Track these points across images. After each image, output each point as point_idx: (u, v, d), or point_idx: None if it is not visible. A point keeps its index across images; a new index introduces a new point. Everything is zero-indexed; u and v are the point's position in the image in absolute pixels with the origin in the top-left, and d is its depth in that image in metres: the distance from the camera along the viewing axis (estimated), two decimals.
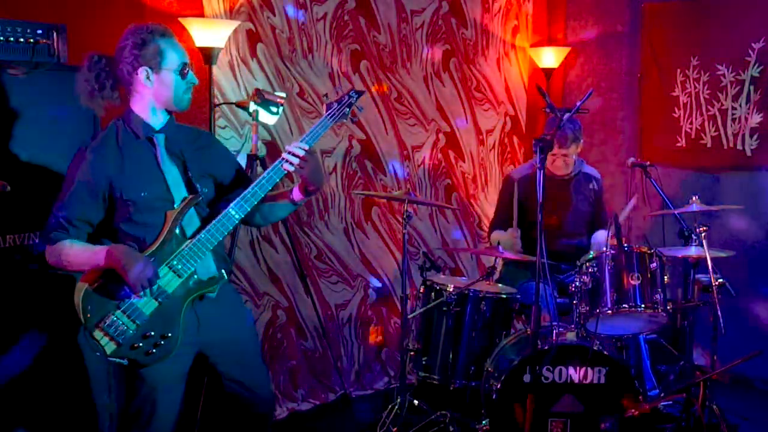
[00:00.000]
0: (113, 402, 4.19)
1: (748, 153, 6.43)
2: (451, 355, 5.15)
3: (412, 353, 5.25)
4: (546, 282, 4.51)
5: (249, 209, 3.55)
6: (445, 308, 5.14)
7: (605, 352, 4.71)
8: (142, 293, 3.41)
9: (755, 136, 6.40)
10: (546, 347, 4.69)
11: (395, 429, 5.08)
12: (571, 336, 4.83)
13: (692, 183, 6.72)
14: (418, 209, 6.75)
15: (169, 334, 3.48)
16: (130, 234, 3.52)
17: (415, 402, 5.29)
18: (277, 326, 5.90)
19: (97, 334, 3.41)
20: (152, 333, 3.46)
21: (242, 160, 5.15)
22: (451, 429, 5.09)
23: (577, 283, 4.90)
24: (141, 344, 3.44)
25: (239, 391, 3.78)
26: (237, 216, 3.54)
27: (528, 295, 5.32)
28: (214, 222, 3.53)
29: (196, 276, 3.54)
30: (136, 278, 3.36)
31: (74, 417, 4.13)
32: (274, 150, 5.73)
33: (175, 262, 3.49)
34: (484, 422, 4.86)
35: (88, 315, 3.41)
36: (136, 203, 3.49)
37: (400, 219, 5.34)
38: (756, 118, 6.37)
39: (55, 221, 3.47)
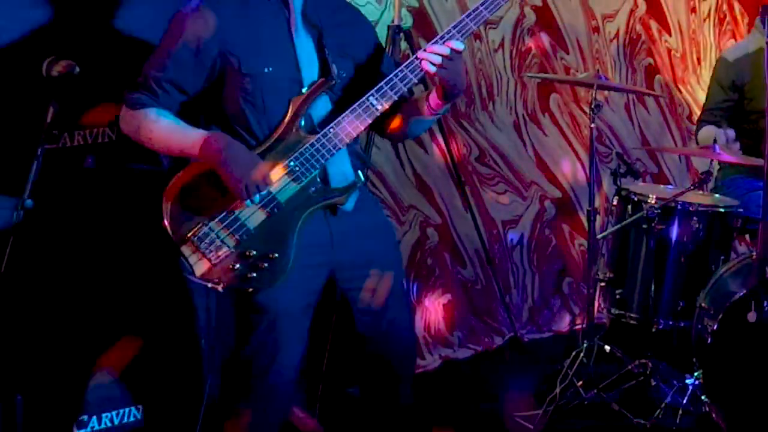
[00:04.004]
0: (215, 348, 4.34)
1: None
2: (653, 287, 5.14)
3: (602, 284, 5.26)
4: None
5: (394, 100, 3.51)
6: (645, 226, 5.11)
7: None
8: (247, 201, 3.38)
9: None
10: None
11: (580, 383, 5.01)
12: None
13: None
14: (610, 97, 6.68)
15: (276, 255, 3.43)
16: (243, 119, 3.49)
17: (607, 348, 5.24)
18: (427, 249, 5.88)
19: (186, 249, 3.39)
20: (254, 252, 3.42)
21: (381, 33, 5.11)
22: (654, 383, 5.08)
23: None
24: (239, 266, 3.40)
25: (374, 330, 3.74)
26: (378, 107, 3.49)
27: (754, 209, 5.20)
28: (347, 112, 3.48)
29: (319, 182, 3.49)
30: (239, 179, 3.32)
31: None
32: (423, 20, 5.66)
33: (293, 163, 3.44)
34: (696, 374, 4.83)
35: (176, 225, 3.38)
36: (256, 80, 3.45)
37: (587, 110, 5.23)
38: None
39: (142, 80, 3.45)
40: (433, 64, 3.46)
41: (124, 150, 4.00)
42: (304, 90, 3.49)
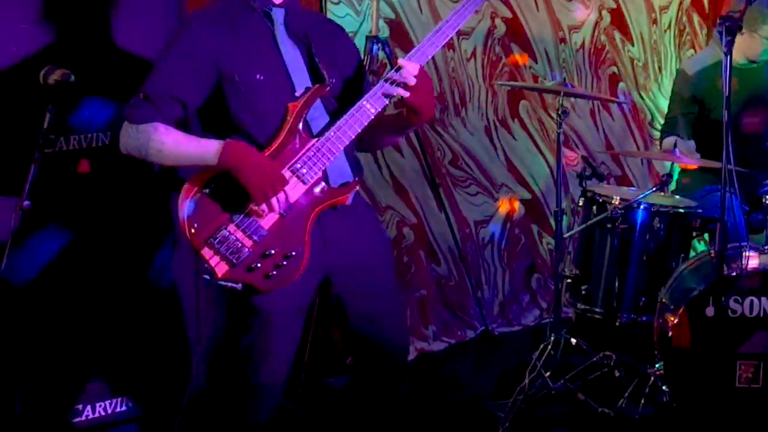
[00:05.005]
0: (202, 339, 4.22)
1: None
2: (616, 284, 5.11)
3: (568, 281, 5.23)
4: (734, 193, 4.49)
5: (386, 104, 3.51)
6: (609, 225, 5.08)
7: None
8: (265, 205, 3.36)
9: None
10: (734, 273, 4.59)
11: (548, 373, 5.02)
12: (765, 260, 4.70)
13: None
14: (576, 104, 6.65)
15: (293, 253, 3.41)
16: (242, 127, 3.48)
17: (573, 340, 5.26)
18: (403, 248, 5.89)
19: (206, 252, 3.34)
20: (273, 251, 3.39)
21: (360, 43, 5.14)
22: (617, 374, 5.07)
23: None
24: (260, 265, 3.37)
25: (369, 331, 3.74)
26: (372, 110, 3.49)
27: (712, 209, 5.17)
28: (345, 117, 3.48)
29: (323, 183, 3.49)
30: (261, 183, 3.32)
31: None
32: (399, 31, 5.68)
33: (299, 166, 3.43)
34: (657, 365, 4.80)
35: (194, 229, 3.33)
36: (250, 87, 3.46)
37: (554, 115, 5.22)
38: None
39: (143, 96, 3.41)
40: (413, 76, 3.46)
41: (118, 153, 3.98)
42: (296, 95, 3.49)
